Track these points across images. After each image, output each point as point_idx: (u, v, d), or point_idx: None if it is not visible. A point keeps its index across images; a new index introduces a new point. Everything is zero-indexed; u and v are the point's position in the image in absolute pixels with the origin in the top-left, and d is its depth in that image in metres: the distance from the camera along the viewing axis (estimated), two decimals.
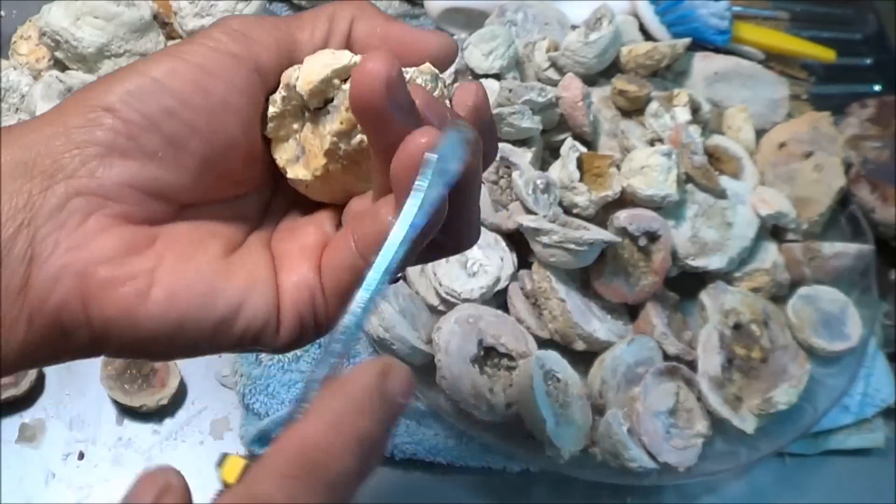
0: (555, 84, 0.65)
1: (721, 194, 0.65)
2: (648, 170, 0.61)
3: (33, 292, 0.27)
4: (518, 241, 0.61)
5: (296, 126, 0.32)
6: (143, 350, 0.29)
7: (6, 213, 0.27)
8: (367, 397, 0.24)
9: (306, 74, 0.30)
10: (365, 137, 0.30)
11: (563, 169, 0.61)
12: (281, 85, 0.31)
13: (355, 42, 0.32)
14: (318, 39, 0.32)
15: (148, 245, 0.29)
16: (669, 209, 0.63)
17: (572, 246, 0.57)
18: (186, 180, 0.30)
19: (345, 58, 0.30)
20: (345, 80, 0.31)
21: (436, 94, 0.32)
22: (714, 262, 0.63)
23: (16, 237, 0.27)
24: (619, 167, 0.63)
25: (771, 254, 0.66)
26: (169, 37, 0.68)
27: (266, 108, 0.32)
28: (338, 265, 0.30)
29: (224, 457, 0.25)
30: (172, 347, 0.29)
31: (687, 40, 0.71)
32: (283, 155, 0.33)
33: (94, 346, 0.29)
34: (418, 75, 0.31)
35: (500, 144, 0.62)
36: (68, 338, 0.28)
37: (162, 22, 0.68)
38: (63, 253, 0.27)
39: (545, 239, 0.57)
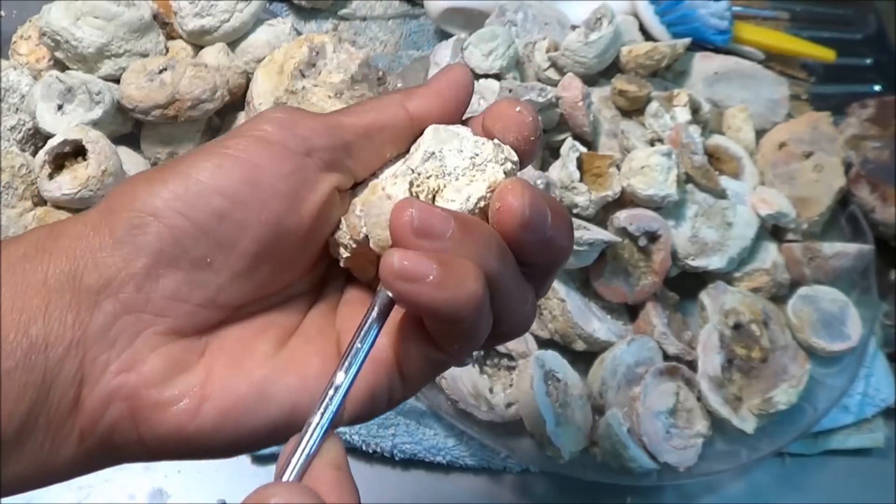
0: (555, 84, 0.65)
1: (721, 194, 0.65)
2: (648, 170, 0.61)
3: (84, 413, 0.27)
4: None
5: (372, 257, 0.32)
6: (199, 456, 0.30)
7: (56, 331, 0.26)
8: None
9: (377, 239, 0.30)
10: None
11: (563, 169, 0.61)
12: (347, 231, 0.31)
13: (418, 121, 0.32)
14: (366, 121, 0.31)
15: (198, 357, 0.29)
16: (669, 209, 0.63)
17: None
18: (238, 282, 0.29)
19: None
20: None
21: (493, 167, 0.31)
22: (714, 262, 0.63)
23: (65, 358, 0.27)
24: (619, 167, 0.63)
25: (771, 254, 0.66)
26: (169, 37, 0.68)
27: (327, 199, 0.31)
28: (413, 353, 0.30)
29: None
30: (230, 451, 0.30)
31: (687, 40, 0.71)
32: (365, 276, 0.33)
33: (149, 456, 0.29)
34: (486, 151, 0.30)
35: None
36: (121, 451, 0.29)
37: (162, 22, 0.68)
38: (113, 376, 0.27)
39: None
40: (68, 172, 0.57)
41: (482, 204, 0.29)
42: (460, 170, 0.30)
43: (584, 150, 0.63)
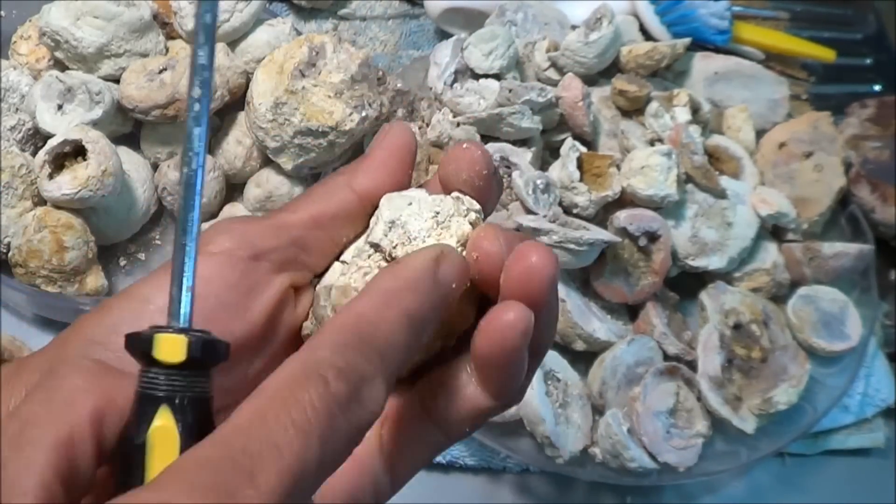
0: (555, 84, 0.65)
1: (721, 194, 0.65)
2: (648, 170, 0.61)
3: None
4: None
5: None
6: None
7: None
8: (418, 279, 0.26)
9: None
10: None
11: (563, 169, 0.61)
12: (317, 325, 0.30)
13: (368, 199, 0.31)
14: (313, 212, 0.30)
15: None
16: (669, 209, 0.63)
17: (572, 246, 0.57)
18: None
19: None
20: None
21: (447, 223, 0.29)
22: (714, 262, 0.63)
23: None
24: (619, 167, 0.63)
25: (771, 254, 0.66)
26: (169, 37, 0.68)
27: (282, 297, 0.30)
28: (412, 442, 0.29)
29: (153, 335, 0.23)
30: None
31: (687, 40, 0.71)
32: None
33: None
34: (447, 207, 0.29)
35: (500, 144, 0.62)
36: None
37: (162, 22, 0.68)
38: None
39: (545, 239, 0.57)
40: (68, 172, 0.57)
41: None
42: (425, 232, 0.29)
43: (584, 150, 0.63)
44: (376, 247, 0.29)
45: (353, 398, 0.22)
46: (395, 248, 0.29)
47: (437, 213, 0.29)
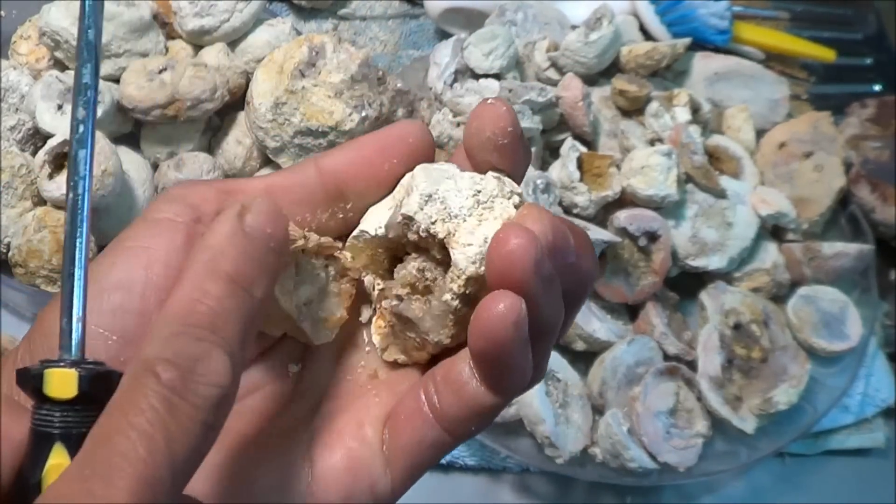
0: (555, 84, 0.65)
1: (721, 194, 0.65)
2: (648, 170, 0.61)
3: None
4: None
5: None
6: None
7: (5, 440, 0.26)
8: (227, 240, 0.25)
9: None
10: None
11: (563, 169, 0.61)
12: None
13: (330, 177, 0.30)
14: (269, 182, 0.30)
15: None
16: (669, 209, 0.63)
17: None
18: None
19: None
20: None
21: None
22: (714, 262, 0.63)
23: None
24: (619, 167, 0.63)
25: (771, 254, 0.66)
26: (169, 37, 0.68)
27: None
28: (416, 442, 0.28)
29: (43, 371, 0.23)
30: None
31: (687, 40, 0.71)
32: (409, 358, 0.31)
33: None
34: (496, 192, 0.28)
35: None
36: None
37: (162, 22, 0.68)
38: None
39: None
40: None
41: None
42: (466, 210, 0.27)
43: (584, 150, 0.63)
44: (410, 219, 0.28)
45: (188, 381, 0.22)
46: (433, 223, 0.27)
47: (479, 191, 0.28)
